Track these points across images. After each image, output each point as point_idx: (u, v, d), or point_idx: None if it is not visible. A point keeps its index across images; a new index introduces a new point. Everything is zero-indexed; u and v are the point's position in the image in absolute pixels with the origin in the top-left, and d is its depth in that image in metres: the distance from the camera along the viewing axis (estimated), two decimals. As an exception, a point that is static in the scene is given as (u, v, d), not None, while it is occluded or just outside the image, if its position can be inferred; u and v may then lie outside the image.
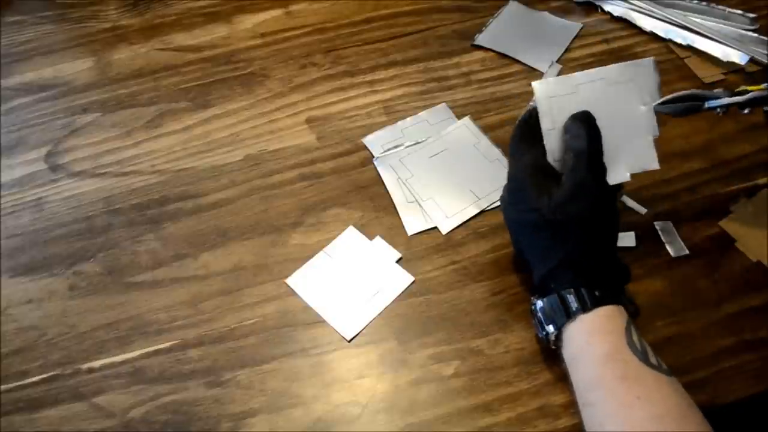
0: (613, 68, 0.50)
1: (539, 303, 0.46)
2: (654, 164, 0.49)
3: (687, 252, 0.55)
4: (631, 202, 0.58)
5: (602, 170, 0.47)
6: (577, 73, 0.50)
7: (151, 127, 0.66)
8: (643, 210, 0.57)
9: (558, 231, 0.45)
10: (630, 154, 0.49)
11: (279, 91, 0.68)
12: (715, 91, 0.50)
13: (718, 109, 0.50)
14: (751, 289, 0.53)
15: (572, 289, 0.44)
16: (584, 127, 0.46)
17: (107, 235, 0.58)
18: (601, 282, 0.45)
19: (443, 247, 0.56)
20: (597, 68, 0.50)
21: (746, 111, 0.50)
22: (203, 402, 0.49)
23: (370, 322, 0.52)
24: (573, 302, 0.44)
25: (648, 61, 0.50)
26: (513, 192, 0.49)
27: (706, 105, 0.50)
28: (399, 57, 0.70)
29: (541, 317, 0.46)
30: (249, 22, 0.75)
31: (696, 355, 0.50)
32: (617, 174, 0.48)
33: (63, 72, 0.71)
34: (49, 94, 0.69)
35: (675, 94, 0.50)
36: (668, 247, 0.55)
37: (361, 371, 0.50)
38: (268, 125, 0.65)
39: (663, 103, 0.50)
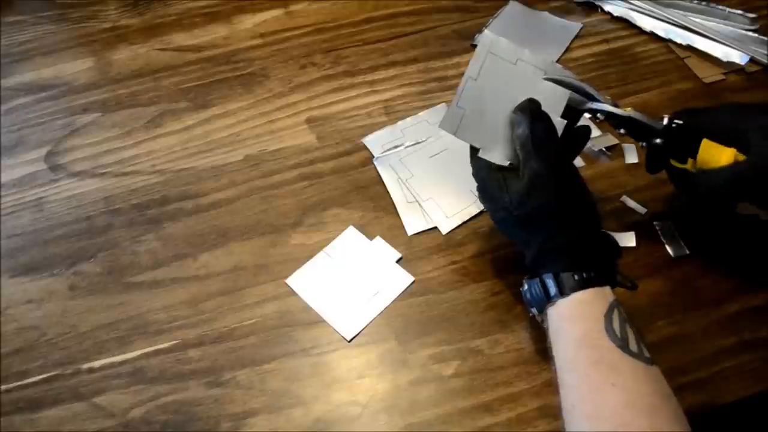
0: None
1: (525, 286, 0.47)
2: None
3: (687, 252, 0.55)
4: (631, 202, 0.58)
5: (552, 153, 0.47)
6: (526, 50, 0.50)
7: (151, 127, 0.66)
8: (643, 210, 0.57)
9: (528, 224, 0.47)
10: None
11: (279, 91, 0.68)
12: (606, 98, 0.51)
13: (599, 114, 0.51)
14: (750, 289, 0.53)
15: (551, 274, 0.45)
16: (523, 115, 0.48)
17: (107, 235, 0.58)
18: (587, 261, 0.45)
19: (443, 247, 0.56)
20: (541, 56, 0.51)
21: (621, 131, 0.51)
22: (203, 402, 0.49)
23: (370, 322, 0.52)
24: (552, 287, 0.44)
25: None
26: (480, 192, 0.51)
27: (589, 105, 0.50)
28: (399, 57, 0.70)
29: (528, 299, 0.47)
30: (249, 22, 0.75)
31: (696, 355, 0.50)
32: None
33: (63, 72, 0.71)
34: (49, 94, 0.69)
35: (566, 79, 0.50)
36: (668, 247, 0.55)
37: (361, 371, 0.50)
38: (268, 125, 0.65)
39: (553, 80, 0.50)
